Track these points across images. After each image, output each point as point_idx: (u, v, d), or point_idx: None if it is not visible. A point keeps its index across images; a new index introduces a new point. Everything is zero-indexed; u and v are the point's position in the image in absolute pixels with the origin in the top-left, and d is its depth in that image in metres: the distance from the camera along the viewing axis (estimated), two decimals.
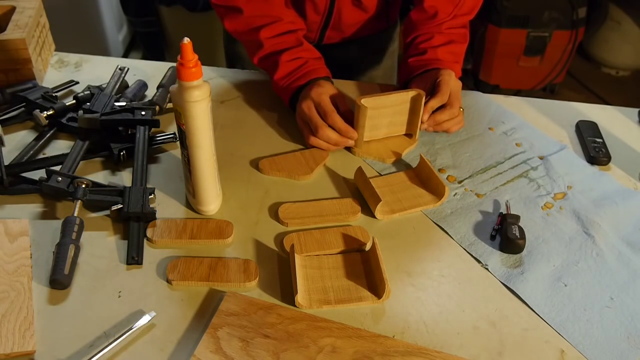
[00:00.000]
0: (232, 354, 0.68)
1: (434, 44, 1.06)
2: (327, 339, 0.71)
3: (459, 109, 1.01)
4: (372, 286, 0.78)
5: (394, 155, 0.99)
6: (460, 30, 1.09)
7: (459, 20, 1.09)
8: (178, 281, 0.77)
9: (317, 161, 0.97)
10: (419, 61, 1.06)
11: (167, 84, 1.07)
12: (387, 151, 1.00)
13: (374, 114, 0.96)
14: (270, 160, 0.97)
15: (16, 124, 1.02)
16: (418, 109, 0.98)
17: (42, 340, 0.70)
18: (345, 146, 0.99)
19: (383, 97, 0.96)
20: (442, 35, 1.07)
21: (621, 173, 1.00)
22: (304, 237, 0.84)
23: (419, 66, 1.05)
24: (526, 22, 2.55)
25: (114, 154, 0.95)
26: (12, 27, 1.06)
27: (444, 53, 1.06)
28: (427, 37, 1.07)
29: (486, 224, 0.89)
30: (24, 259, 0.78)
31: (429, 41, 1.07)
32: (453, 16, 1.07)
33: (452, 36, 1.08)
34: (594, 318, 0.76)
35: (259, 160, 0.96)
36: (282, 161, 0.97)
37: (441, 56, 1.05)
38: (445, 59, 1.05)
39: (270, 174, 0.95)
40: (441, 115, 0.99)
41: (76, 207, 0.83)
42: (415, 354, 0.70)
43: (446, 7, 1.06)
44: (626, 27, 2.76)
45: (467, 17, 1.10)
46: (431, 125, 1.00)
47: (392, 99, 0.97)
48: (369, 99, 0.94)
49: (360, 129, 0.96)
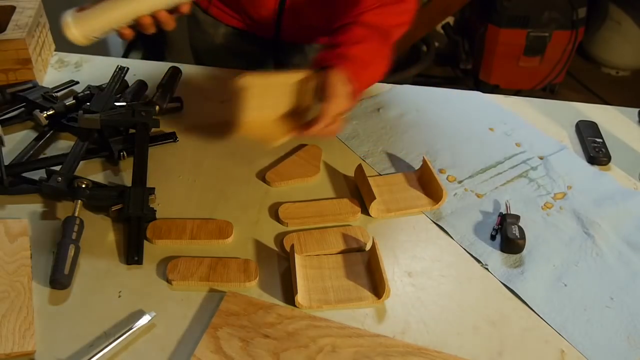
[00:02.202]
0: (232, 354, 0.68)
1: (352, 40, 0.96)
2: (327, 338, 0.71)
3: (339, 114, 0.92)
4: (372, 286, 0.78)
5: (277, 137, 0.91)
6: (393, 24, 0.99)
7: (388, 9, 0.99)
8: (178, 281, 0.77)
9: (316, 158, 0.97)
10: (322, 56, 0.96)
11: (167, 84, 1.07)
12: (270, 132, 0.92)
13: (257, 93, 0.90)
14: (275, 172, 0.95)
15: (16, 124, 1.02)
16: (306, 90, 0.92)
17: (42, 340, 0.70)
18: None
19: (268, 77, 0.91)
20: (361, 28, 0.97)
21: (621, 173, 1.00)
22: (304, 237, 0.84)
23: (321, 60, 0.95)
24: (526, 22, 2.55)
25: (114, 154, 0.95)
26: (12, 27, 1.06)
27: (357, 51, 0.95)
28: (345, 30, 0.97)
29: (486, 224, 0.89)
30: (24, 259, 0.78)
31: (345, 34, 0.97)
32: (380, 4, 0.98)
33: (373, 31, 0.97)
34: (594, 318, 0.76)
35: (266, 174, 0.94)
36: (286, 169, 0.96)
37: (353, 53, 0.94)
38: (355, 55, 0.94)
39: (281, 185, 0.94)
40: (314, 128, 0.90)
41: (76, 207, 0.83)
42: (415, 354, 0.70)
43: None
44: (626, 27, 2.76)
45: (398, 6, 1.00)
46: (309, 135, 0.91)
47: (277, 80, 0.91)
48: (252, 78, 0.89)
49: (241, 108, 0.90)
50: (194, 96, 1.11)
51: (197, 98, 1.11)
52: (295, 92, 0.93)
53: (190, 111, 1.08)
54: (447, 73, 2.96)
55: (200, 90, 1.13)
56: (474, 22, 2.77)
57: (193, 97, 1.10)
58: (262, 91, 0.91)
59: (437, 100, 1.14)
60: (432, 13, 2.53)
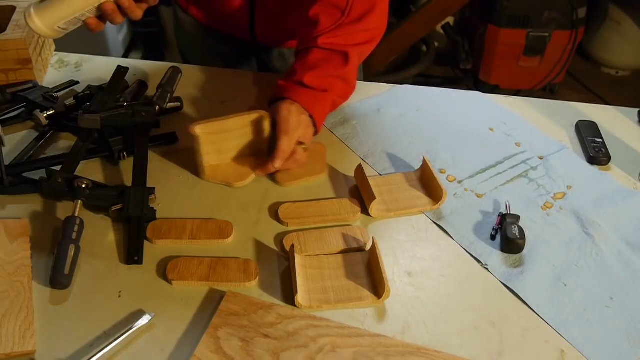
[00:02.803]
0: (232, 354, 0.68)
1: (309, 64, 0.95)
2: (327, 338, 0.71)
3: (301, 145, 0.92)
4: (372, 286, 0.78)
5: (241, 178, 0.93)
6: (348, 45, 0.96)
7: (347, 29, 0.96)
8: (178, 281, 0.77)
9: (322, 155, 0.98)
10: (279, 87, 0.96)
11: (167, 84, 1.07)
12: (234, 174, 0.94)
13: (216, 138, 0.92)
14: (284, 172, 0.95)
15: (16, 124, 1.02)
16: (263, 130, 0.93)
17: (42, 340, 0.70)
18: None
19: (221, 122, 0.91)
20: (320, 51, 0.96)
21: (621, 173, 1.00)
22: (304, 237, 0.84)
23: (276, 91, 0.96)
24: (526, 22, 2.55)
25: (114, 154, 0.95)
26: (12, 27, 1.06)
27: (312, 78, 0.94)
28: (305, 53, 0.97)
29: (486, 224, 0.89)
30: (24, 259, 0.78)
31: (303, 59, 0.96)
32: (338, 25, 0.95)
33: (330, 54, 0.96)
34: (594, 318, 0.76)
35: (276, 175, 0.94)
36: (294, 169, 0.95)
37: (307, 81, 0.94)
38: (309, 83, 0.94)
39: (292, 184, 0.94)
40: (273, 165, 0.90)
41: (76, 207, 0.83)
42: (415, 354, 0.70)
43: (331, 12, 0.94)
44: (626, 27, 2.76)
45: (357, 25, 0.96)
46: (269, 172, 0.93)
47: (231, 124, 0.92)
48: (205, 125, 0.89)
49: (199, 156, 0.91)
50: (194, 96, 1.11)
51: (197, 98, 1.11)
52: (251, 132, 0.94)
53: (190, 111, 1.08)
54: (447, 73, 2.96)
55: (200, 90, 1.13)
56: (474, 22, 2.77)
57: (193, 97, 1.11)
58: (217, 137, 0.92)
59: (437, 100, 1.14)
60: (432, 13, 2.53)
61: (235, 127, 0.93)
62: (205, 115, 1.07)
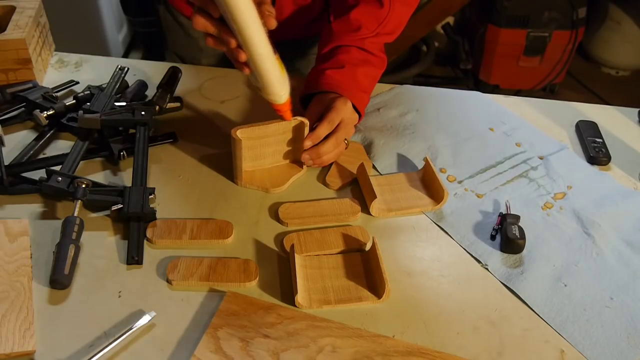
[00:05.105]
0: (232, 354, 0.68)
1: (354, 61, 0.99)
2: (327, 338, 0.71)
3: (344, 141, 0.95)
4: (372, 286, 0.78)
5: (278, 184, 0.92)
6: (381, 53, 1.04)
7: (380, 39, 1.03)
8: (178, 281, 0.77)
9: (361, 152, 1.00)
10: (329, 79, 0.98)
11: (167, 84, 1.07)
12: (271, 180, 0.93)
13: (255, 144, 0.91)
14: (333, 174, 0.95)
15: (16, 124, 1.02)
16: (302, 137, 0.92)
17: (42, 340, 0.70)
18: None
19: (262, 127, 0.89)
20: (362, 51, 1.01)
21: (621, 173, 1.00)
22: (304, 237, 0.84)
23: (326, 83, 0.98)
24: (526, 22, 2.55)
25: (114, 154, 0.95)
26: (12, 27, 1.06)
27: (362, 76, 0.99)
28: (347, 50, 1.01)
29: (486, 224, 0.89)
30: (24, 259, 0.78)
31: (348, 54, 1.00)
32: (376, 34, 1.02)
33: (370, 57, 1.02)
34: (594, 318, 0.76)
35: (326, 177, 0.95)
36: (341, 169, 0.96)
37: (360, 78, 0.99)
38: (362, 82, 0.99)
39: (341, 186, 0.94)
40: (324, 147, 0.92)
41: (76, 207, 0.83)
42: (415, 354, 0.70)
43: (370, 24, 1.00)
44: (626, 27, 2.76)
45: (389, 37, 1.04)
46: (312, 158, 0.93)
47: (272, 129, 0.90)
48: (246, 130, 0.88)
49: (238, 161, 0.90)
50: (194, 96, 1.11)
51: (197, 98, 1.11)
52: (290, 138, 0.94)
53: (190, 111, 1.08)
54: (447, 73, 2.96)
55: (200, 90, 1.13)
56: (474, 22, 2.77)
57: (193, 97, 1.11)
58: (256, 142, 0.92)
59: (437, 100, 1.14)
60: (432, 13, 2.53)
61: (276, 132, 0.92)
62: (205, 115, 1.07)
